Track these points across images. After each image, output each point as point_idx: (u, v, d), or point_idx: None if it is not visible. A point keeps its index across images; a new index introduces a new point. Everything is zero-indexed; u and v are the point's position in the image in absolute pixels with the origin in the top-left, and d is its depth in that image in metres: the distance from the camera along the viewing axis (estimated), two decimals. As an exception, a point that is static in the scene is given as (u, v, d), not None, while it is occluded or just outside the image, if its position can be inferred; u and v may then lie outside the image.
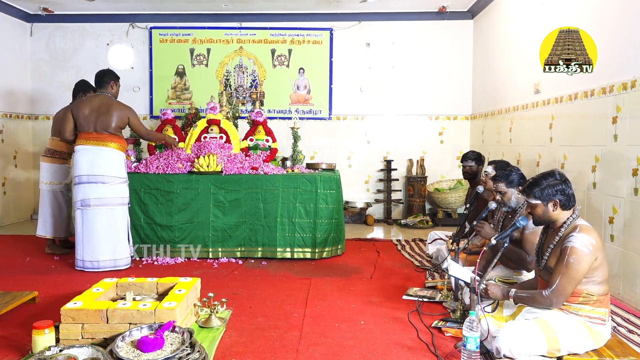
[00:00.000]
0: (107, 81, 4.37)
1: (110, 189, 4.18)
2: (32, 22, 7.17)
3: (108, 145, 4.21)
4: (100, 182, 4.16)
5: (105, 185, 4.17)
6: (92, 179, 4.16)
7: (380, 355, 2.56)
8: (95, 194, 4.15)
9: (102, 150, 4.20)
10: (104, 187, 4.17)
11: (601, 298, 2.38)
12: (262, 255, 4.69)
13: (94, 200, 4.16)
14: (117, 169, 4.24)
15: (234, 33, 7.19)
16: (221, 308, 3.00)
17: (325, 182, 4.70)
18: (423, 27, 7.12)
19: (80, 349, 2.38)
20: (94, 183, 4.16)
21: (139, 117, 4.52)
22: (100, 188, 4.16)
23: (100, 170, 4.16)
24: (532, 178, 2.53)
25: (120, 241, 4.25)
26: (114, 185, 4.20)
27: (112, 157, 4.22)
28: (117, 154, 4.26)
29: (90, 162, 4.17)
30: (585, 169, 3.91)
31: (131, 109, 4.41)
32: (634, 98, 3.34)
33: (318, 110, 7.22)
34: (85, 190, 4.16)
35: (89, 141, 4.21)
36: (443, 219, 6.84)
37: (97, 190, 4.16)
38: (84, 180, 4.17)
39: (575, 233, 2.34)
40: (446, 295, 3.35)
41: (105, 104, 4.27)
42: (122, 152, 4.32)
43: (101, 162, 4.17)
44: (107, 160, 4.20)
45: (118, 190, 4.23)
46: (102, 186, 4.16)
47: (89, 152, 4.19)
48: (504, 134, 5.78)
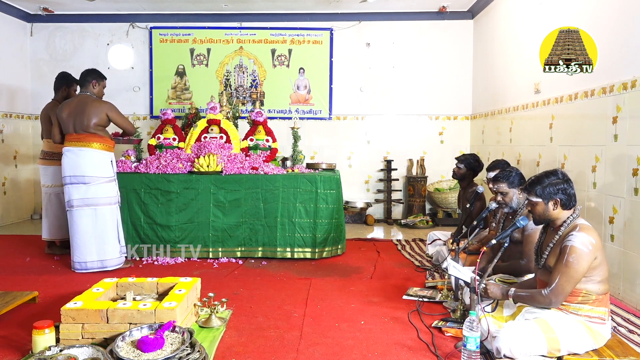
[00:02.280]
0: (88, 80, 4.31)
1: (93, 189, 4.14)
2: (32, 22, 7.17)
3: (89, 146, 4.16)
4: (82, 183, 4.12)
5: (87, 185, 4.12)
6: (75, 179, 4.13)
7: (380, 355, 2.56)
8: (78, 194, 4.13)
9: (82, 150, 4.15)
10: (87, 187, 4.13)
11: (600, 297, 2.38)
12: (262, 255, 4.69)
13: (77, 201, 4.13)
14: (100, 169, 4.18)
15: (234, 33, 7.20)
16: (221, 308, 3.00)
17: (325, 182, 4.70)
18: (423, 27, 7.12)
19: (80, 349, 2.38)
20: (77, 184, 4.13)
21: (118, 111, 4.35)
22: (83, 188, 4.12)
23: (81, 170, 4.12)
24: (535, 176, 2.54)
25: (108, 241, 4.19)
26: (98, 185, 4.15)
27: (94, 157, 4.17)
28: (99, 154, 4.20)
29: (72, 163, 4.14)
30: (585, 169, 3.91)
31: (109, 104, 4.30)
32: (634, 98, 3.34)
33: (318, 110, 7.22)
34: (70, 191, 4.15)
35: (71, 142, 4.18)
36: (443, 219, 6.84)
37: (80, 191, 4.12)
38: (68, 182, 4.15)
39: (575, 232, 2.34)
40: (446, 295, 3.35)
41: (82, 103, 4.21)
42: (105, 151, 4.24)
43: (82, 162, 4.13)
44: (89, 161, 4.15)
45: (103, 189, 4.18)
46: (84, 187, 4.12)
47: (71, 153, 4.16)
48: (504, 134, 5.78)
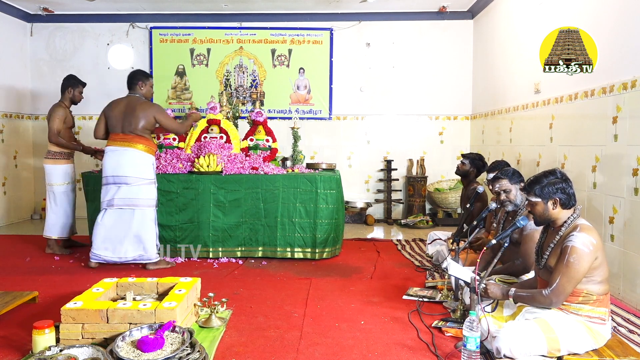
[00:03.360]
0: (134, 82, 4.37)
1: (134, 190, 4.17)
2: (32, 22, 7.17)
3: (134, 147, 4.19)
4: (124, 183, 4.16)
5: (129, 186, 4.16)
6: (117, 179, 4.17)
7: (380, 355, 2.56)
8: (119, 194, 4.17)
9: (127, 151, 4.19)
10: (128, 187, 4.16)
11: (601, 297, 2.38)
12: (262, 255, 4.69)
13: (118, 200, 4.17)
14: (142, 170, 4.21)
15: (234, 33, 7.20)
16: (221, 308, 3.00)
17: (325, 182, 4.70)
18: (423, 27, 7.12)
19: (81, 349, 2.38)
20: (118, 184, 4.17)
21: (167, 114, 4.43)
22: (124, 189, 4.16)
23: (123, 170, 4.16)
24: (534, 176, 2.54)
25: (146, 241, 4.22)
26: (139, 186, 4.18)
27: (137, 158, 4.20)
28: (142, 155, 4.23)
29: (115, 162, 4.18)
30: (585, 169, 3.91)
31: (157, 107, 4.36)
32: (634, 98, 3.34)
33: (318, 110, 7.22)
34: (110, 191, 4.19)
35: (116, 142, 4.22)
36: (443, 219, 6.84)
37: (122, 191, 4.16)
38: (110, 181, 4.20)
39: (575, 232, 2.34)
40: (446, 295, 3.35)
41: (132, 104, 4.26)
42: (149, 153, 4.28)
43: (125, 162, 4.17)
44: (132, 161, 4.18)
45: (144, 191, 4.21)
46: (125, 187, 4.16)
47: (115, 153, 4.20)
48: (504, 134, 5.78)
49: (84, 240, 5.19)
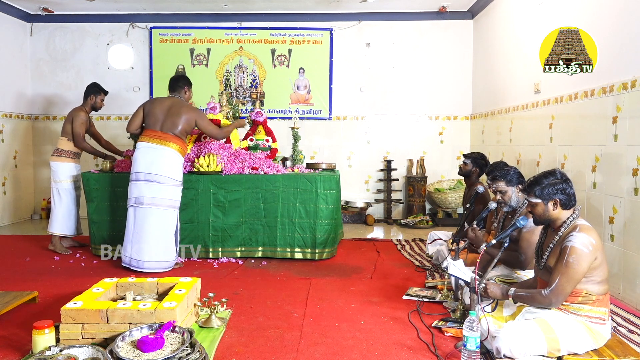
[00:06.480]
0: (181, 85, 4.42)
1: (164, 190, 4.12)
2: (32, 22, 7.17)
3: (170, 146, 4.17)
4: (155, 182, 4.11)
5: (160, 185, 4.11)
6: (149, 177, 4.11)
7: (380, 355, 2.56)
8: (149, 192, 4.10)
9: (163, 149, 4.15)
10: (159, 187, 4.11)
11: (601, 297, 2.38)
12: (262, 255, 4.69)
13: (148, 199, 4.10)
14: (174, 171, 4.18)
15: (234, 33, 7.20)
16: (221, 308, 3.00)
17: (325, 182, 4.70)
18: (423, 27, 7.12)
19: (80, 349, 2.38)
20: (150, 182, 4.11)
21: (207, 119, 4.45)
22: (155, 187, 4.10)
23: (157, 169, 4.11)
24: (533, 177, 2.54)
25: (167, 243, 4.17)
26: (168, 186, 4.14)
27: (171, 158, 4.17)
28: (177, 156, 4.21)
29: (149, 160, 4.12)
30: (585, 169, 3.91)
31: (199, 112, 4.37)
32: (634, 98, 3.34)
33: (318, 110, 7.22)
34: (140, 188, 4.11)
35: (153, 139, 4.17)
36: (443, 219, 6.84)
37: (152, 189, 4.10)
38: (141, 178, 4.12)
39: (575, 233, 2.35)
40: (446, 295, 3.35)
41: (177, 105, 4.27)
42: (182, 155, 4.27)
43: (160, 161, 4.12)
44: (167, 160, 4.14)
45: (171, 192, 4.17)
46: (157, 185, 4.10)
47: (150, 150, 4.15)
48: (504, 134, 5.78)
49: (84, 240, 5.19)
